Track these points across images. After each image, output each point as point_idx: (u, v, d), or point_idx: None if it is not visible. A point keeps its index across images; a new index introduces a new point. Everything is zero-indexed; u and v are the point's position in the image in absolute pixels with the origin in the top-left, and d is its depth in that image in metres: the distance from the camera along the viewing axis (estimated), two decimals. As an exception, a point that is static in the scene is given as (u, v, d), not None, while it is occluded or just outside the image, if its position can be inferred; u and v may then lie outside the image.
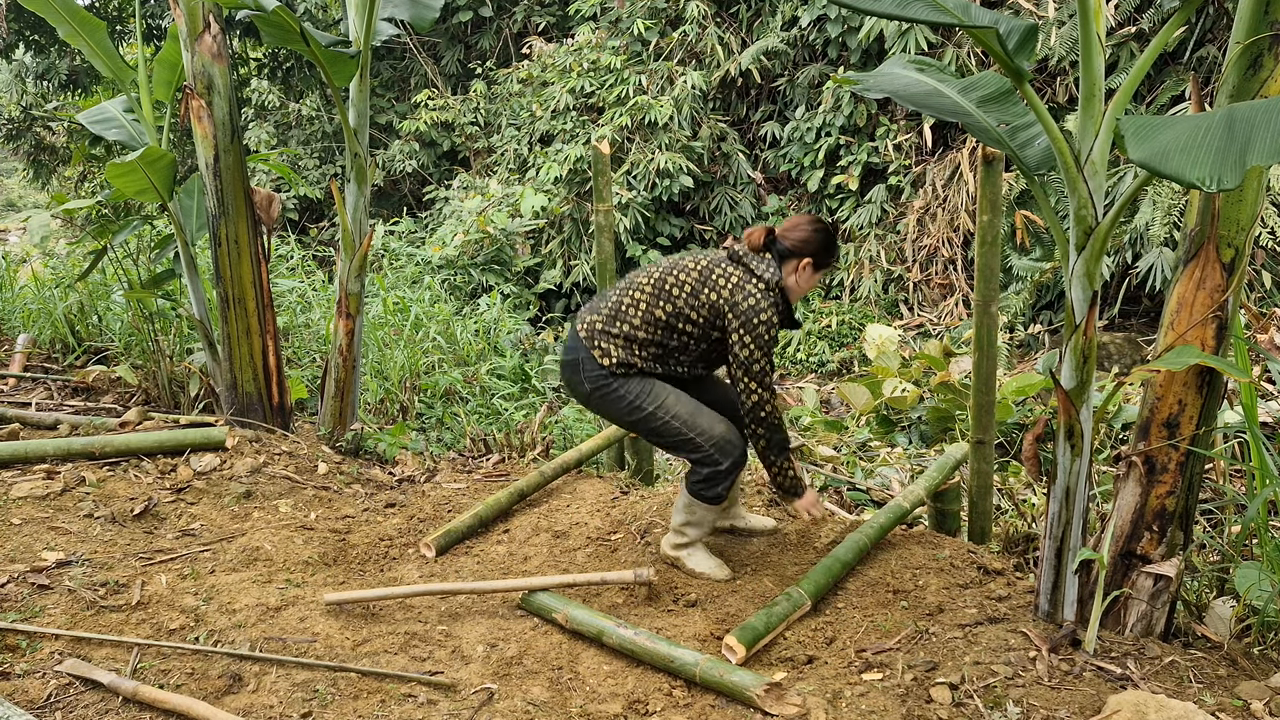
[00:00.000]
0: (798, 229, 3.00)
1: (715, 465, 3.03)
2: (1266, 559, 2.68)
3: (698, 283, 2.94)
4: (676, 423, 2.99)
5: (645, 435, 3.10)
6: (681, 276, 2.97)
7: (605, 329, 2.99)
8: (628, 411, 3.01)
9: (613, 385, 2.98)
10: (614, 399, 3.00)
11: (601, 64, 10.32)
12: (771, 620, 2.75)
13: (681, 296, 2.94)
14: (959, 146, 8.57)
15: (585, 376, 3.00)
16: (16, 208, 22.50)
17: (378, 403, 5.84)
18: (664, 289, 2.97)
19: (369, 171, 4.55)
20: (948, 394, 5.57)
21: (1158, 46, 2.29)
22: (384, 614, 2.92)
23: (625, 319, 2.98)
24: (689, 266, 2.99)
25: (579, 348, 3.02)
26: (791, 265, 2.99)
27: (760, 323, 2.86)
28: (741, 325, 2.87)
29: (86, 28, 4.51)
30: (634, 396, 2.98)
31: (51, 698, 2.35)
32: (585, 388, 3.02)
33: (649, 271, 3.05)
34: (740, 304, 2.88)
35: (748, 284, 2.91)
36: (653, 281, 2.99)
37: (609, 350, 2.97)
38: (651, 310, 2.96)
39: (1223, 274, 2.37)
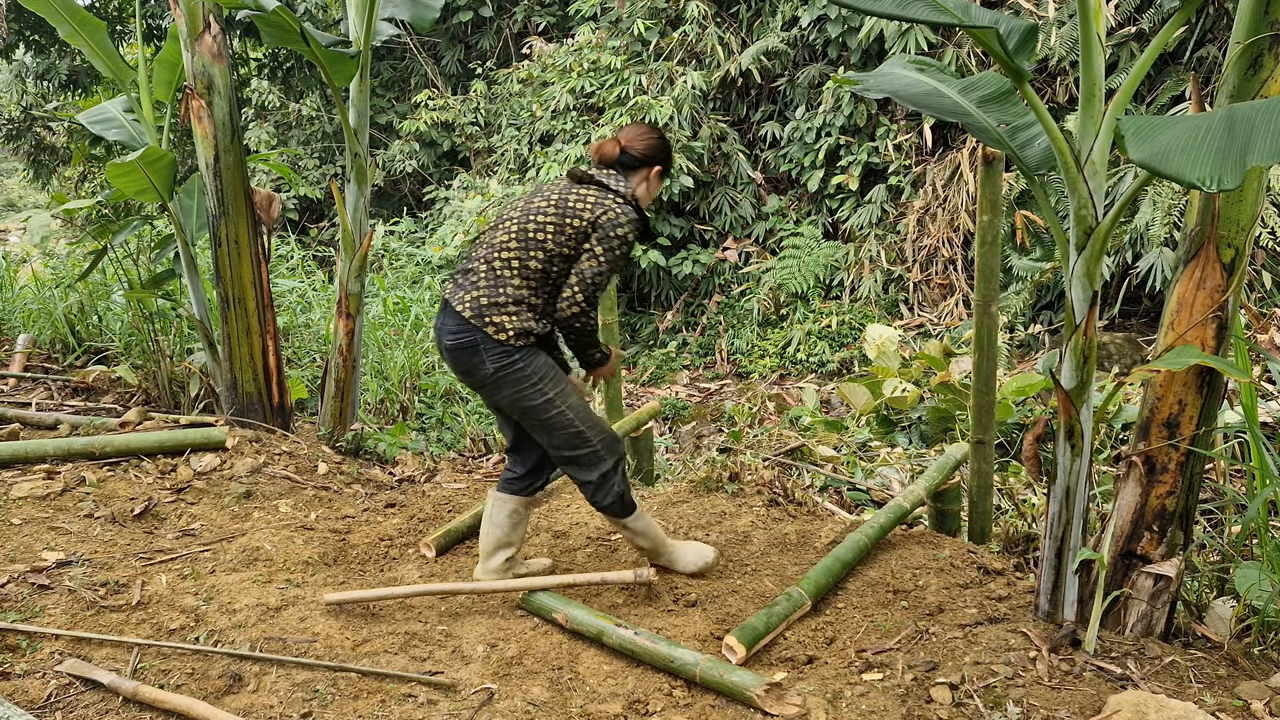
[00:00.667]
0: (643, 138, 2.95)
1: (600, 464, 2.93)
2: (1266, 559, 2.68)
3: (559, 218, 2.82)
4: (572, 414, 2.90)
5: (536, 425, 2.93)
6: (541, 219, 2.83)
7: (492, 301, 2.82)
8: (531, 393, 2.85)
9: (516, 362, 2.83)
10: (519, 378, 2.84)
11: (602, 64, 10.32)
12: (771, 620, 2.75)
13: (549, 239, 2.81)
14: (959, 146, 8.57)
15: (487, 357, 2.82)
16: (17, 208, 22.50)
17: (378, 403, 5.84)
18: (529, 237, 2.82)
19: (369, 171, 4.55)
20: (948, 394, 5.57)
21: (1158, 46, 2.29)
22: (384, 614, 2.92)
23: (505, 283, 2.82)
24: (543, 206, 2.85)
25: (468, 329, 2.83)
26: (641, 175, 2.95)
27: (616, 236, 2.79)
28: (599, 239, 2.78)
29: (87, 28, 4.51)
30: (539, 378, 2.85)
31: (51, 698, 2.35)
32: (487, 369, 2.83)
33: (504, 228, 2.89)
34: (600, 219, 2.79)
35: (605, 199, 2.83)
36: (515, 236, 2.84)
37: (503, 323, 2.80)
38: (525, 264, 2.82)
39: (1223, 274, 2.37)
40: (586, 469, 2.95)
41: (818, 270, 8.96)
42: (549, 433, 2.92)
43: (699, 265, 9.93)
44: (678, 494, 3.99)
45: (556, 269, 2.84)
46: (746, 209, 10.03)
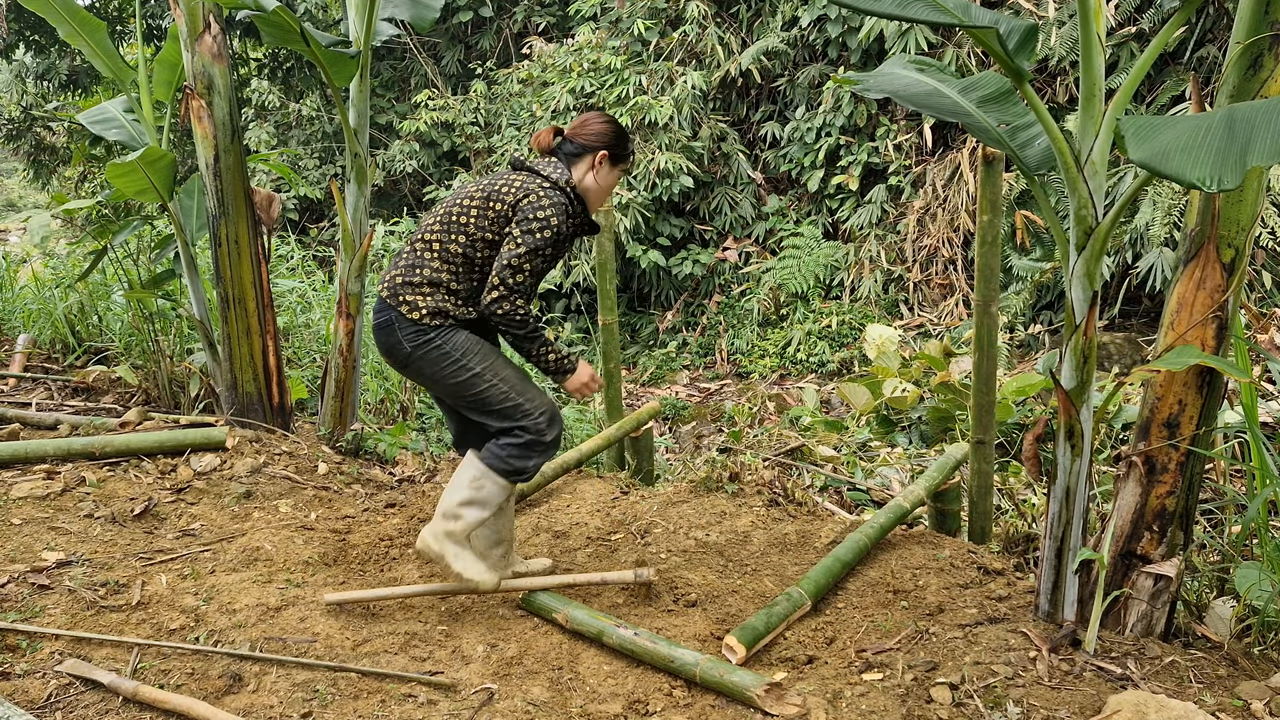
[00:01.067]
0: (587, 124, 2.85)
1: (540, 434, 2.79)
2: (1267, 559, 2.68)
3: (484, 202, 2.74)
4: (505, 385, 2.77)
5: (468, 403, 2.81)
6: (466, 203, 2.77)
7: (407, 280, 2.75)
8: (453, 370, 2.74)
9: (433, 340, 2.72)
10: (436, 356, 2.73)
11: (602, 64, 10.32)
12: (772, 620, 2.75)
13: (471, 222, 2.74)
14: (959, 147, 8.57)
15: (402, 336, 2.74)
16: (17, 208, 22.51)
17: (378, 403, 5.84)
18: (453, 221, 2.76)
19: (369, 172, 4.55)
20: (948, 394, 5.57)
21: (1158, 46, 2.29)
22: (384, 614, 2.92)
23: (424, 264, 2.76)
24: (472, 191, 2.79)
25: (386, 309, 2.77)
26: (586, 162, 2.83)
27: (537, 219, 2.67)
28: (518, 221, 2.69)
29: (87, 28, 4.51)
30: (460, 354, 2.74)
31: (52, 698, 2.35)
32: (405, 349, 2.75)
33: (435, 212, 2.83)
34: (521, 201, 2.71)
35: (532, 183, 2.74)
36: (440, 219, 2.79)
37: (415, 302, 2.73)
38: (446, 247, 2.75)
39: (1223, 274, 2.37)
40: (521, 432, 2.79)
41: (818, 270, 8.96)
42: (484, 409, 2.80)
43: (699, 265, 9.93)
44: (678, 494, 3.99)
45: (480, 255, 2.76)
46: (746, 209, 10.03)
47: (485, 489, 2.80)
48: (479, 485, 2.80)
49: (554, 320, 9.72)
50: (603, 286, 4.54)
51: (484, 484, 2.80)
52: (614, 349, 4.63)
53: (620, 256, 9.76)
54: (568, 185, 2.80)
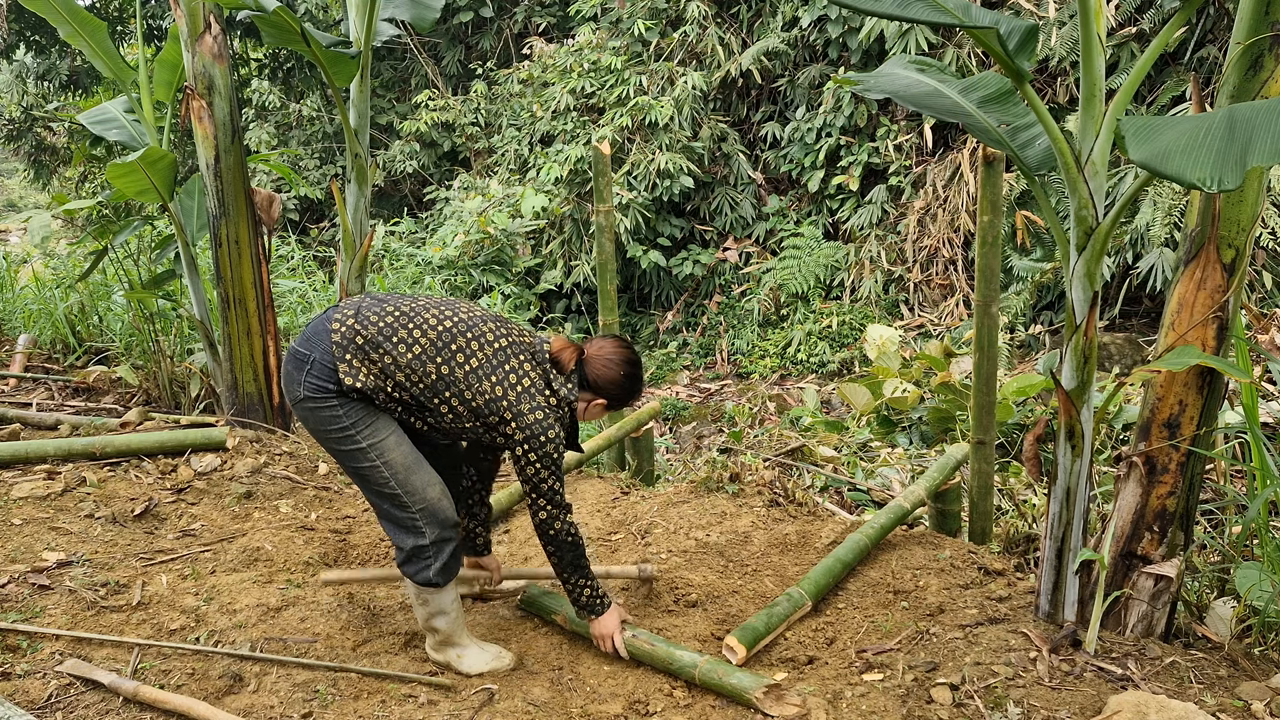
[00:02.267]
0: (609, 368, 2.66)
1: (419, 536, 2.56)
2: (1267, 559, 2.68)
3: (486, 364, 2.52)
4: (387, 472, 2.51)
5: (349, 473, 2.58)
6: (474, 346, 2.52)
7: (365, 347, 2.45)
8: (337, 438, 2.50)
9: (332, 404, 2.46)
10: (327, 417, 2.47)
11: (602, 64, 10.32)
12: (772, 621, 2.75)
13: (462, 369, 2.49)
14: (959, 147, 8.57)
15: (308, 379, 2.45)
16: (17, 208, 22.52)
17: (378, 403, 5.83)
18: (448, 347, 2.50)
19: (369, 172, 4.55)
20: (948, 394, 5.57)
21: (1158, 47, 2.29)
22: (384, 614, 2.92)
23: (392, 352, 2.46)
24: (485, 338, 2.56)
25: (320, 347, 2.47)
26: (587, 395, 2.68)
27: (547, 440, 2.51)
28: (527, 440, 2.50)
29: (87, 28, 4.51)
30: (350, 424, 2.48)
31: (52, 698, 2.35)
32: (299, 392, 2.47)
33: (442, 313, 2.57)
34: (525, 415, 2.50)
35: (539, 394, 2.55)
36: (441, 332, 2.52)
37: (358, 372, 2.44)
38: (425, 363, 2.47)
39: (1223, 274, 2.37)
40: (402, 534, 2.59)
41: (818, 270, 8.96)
42: (363, 484, 2.58)
43: (699, 266, 9.93)
44: (678, 494, 3.99)
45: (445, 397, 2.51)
46: (747, 209, 10.03)
47: (430, 601, 2.66)
48: (424, 599, 2.66)
49: (554, 320, 9.72)
50: (603, 287, 4.54)
51: (426, 597, 2.65)
52: (614, 349, 4.62)
53: (620, 257, 9.76)
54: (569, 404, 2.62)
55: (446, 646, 2.70)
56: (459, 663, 2.68)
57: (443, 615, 2.66)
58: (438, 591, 2.64)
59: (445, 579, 2.61)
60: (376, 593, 3.04)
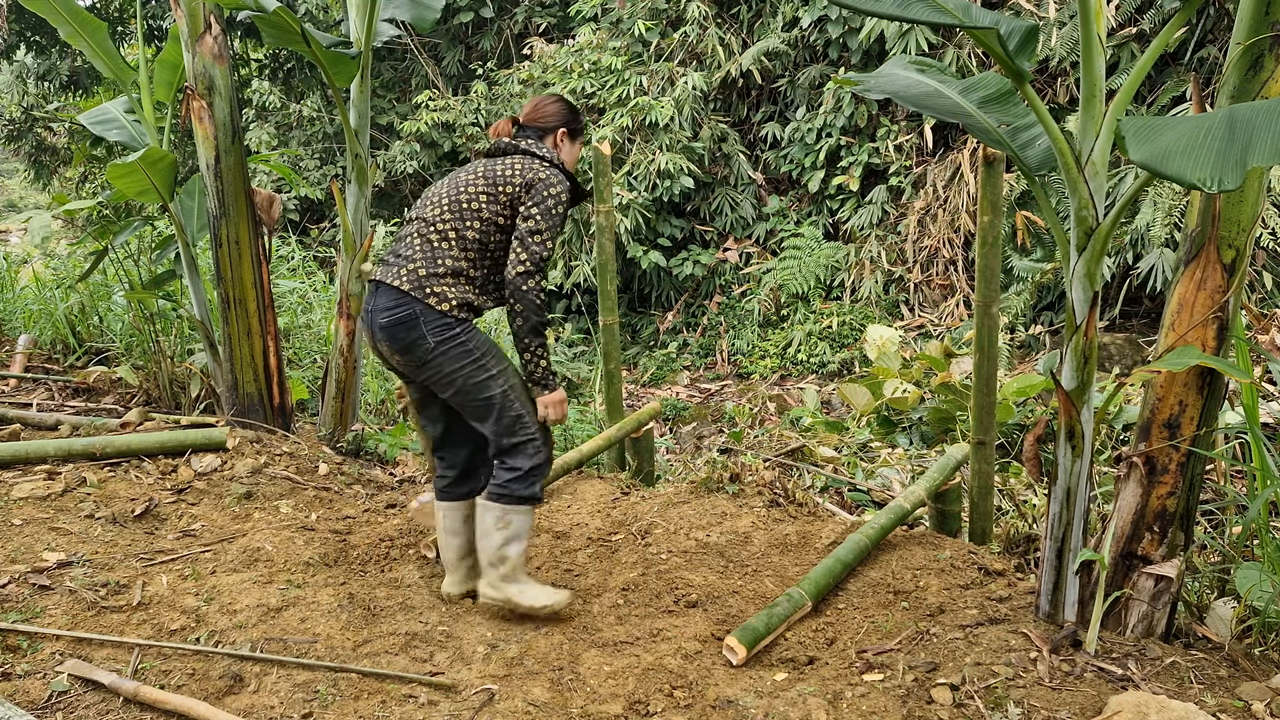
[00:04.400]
0: (540, 108, 2.96)
1: (537, 454, 2.83)
2: (1267, 560, 2.68)
3: (491, 186, 2.79)
4: (513, 395, 2.79)
5: (476, 405, 2.80)
6: (472, 190, 2.80)
7: (431, 272, 2.74)
8: (472, 369, 2.74)
9: (458, 335, 2.73)
10: (459, 353, 2.73)
11: (602, 65, 10.32)
12: (772, 621, 2.75)
13: (483, 208, 2.78)
14: (960, 147, 8.57)
15: (428, 330, 2.71)
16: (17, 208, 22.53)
17: (379, 403, 5.84)
18: (463, 207, 2.78)
19: (370, 172, 4.55)
20: (948, 395, 5.57)
21: (1158, 47, 2.29)
22: (384, 614, 2.92)
23: (444, 255, 2.76)
24: (471, 179, 2.82)
25: (407, 303, 2.72)
26: (549, 143, 2.94)
27: (550, 195, 2.77)
28: (532, 199, 2.76)
29: (87, 28, 4.51)
30: (480, 353, 2.75)
31: (52, 698, 2.35)
32: (429, 343, 2.71)
33: (434, 203, 2.84)
34: (532, 181, 2.78)
35: (532, 163, 2.83)
36: (447, 208, 2.80)
37: (445, 293, 2.72)
38: (462, 234, 2.77)
39: (1223, 275, 2.37)
40: (521, 456, 2.82)
41: (818, 271, 8.96)
42: (491, 414, 2.79)
43: (699, 266, 9.93)
44: (678, 494, 3.99)
45: (494, 240, 2.79)
46: (747, 209, 10.03)
47: (514, 523, 2.85)
48: (506, 522, 2.84)
49: (555, 321, 9.71)
50: (603, 287, 4.54)
51: (510, 519, 2.84)
52: (614, 349, 4.63)
53: (621, 257, 9.76)
54: (559, 162, 2.90)
55: (509, 582, 2.88)
56: (520, 596, 2.86)
57: (517, 541, 2.87)
58: (525, 512, 2.86)
59: (536, 500, 2.87)
60: (376, 593, 3.04)
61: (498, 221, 2.78)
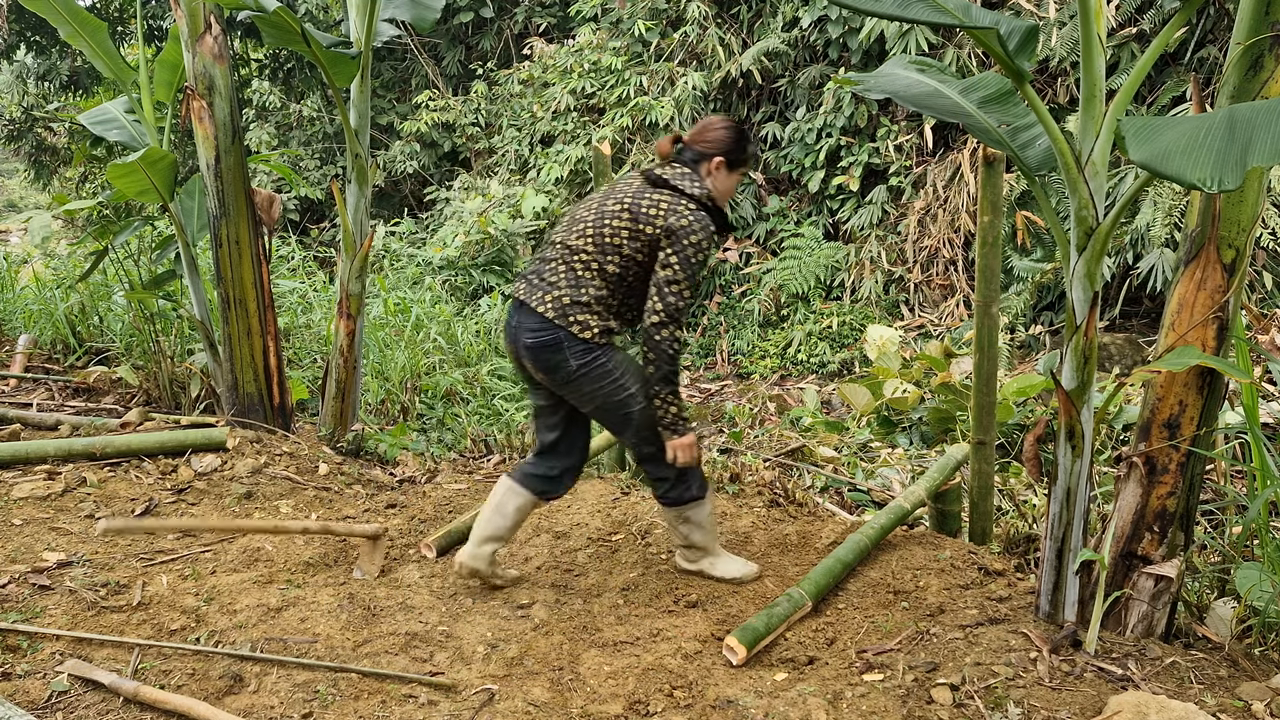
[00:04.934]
0: (705, 130, 2.91)
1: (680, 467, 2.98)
2: (1267, 560, 2.68)
3: (633, 223, 2.81)
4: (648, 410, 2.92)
5: (617, 421, 2.96)
6: (616, 224, 2.83)
7: (575, 300, 2.84)
8: (612, 389, 2.88)
9: (600, 359, 2.85)
10: (600, 375, 2.86)
11: (602, 65, 10.32)
12: (772, 621, 2.75)
13: (624, 244, 2.81)
14: (960, 147, 8.56)
15: (571, 354, 2.84)
16: (18, 208, 22.53)
17: (379, 403, 5.84)
18: (605, 242, 2.83)
19: (370, 172, 4.55)
20: (949, 395, 5.57)
21: (1158, 47, 2.29)
22: (384, 614, 2.92)
23: (588, 284, 2.84)
24: (616, 210, 2.84)
25: (550, 328, 2.84)
26: (704, 169, 2.88)
27: (689, 244, 2.76)
28: (670, 244, 2.77)
29: (88, 28, 4.51)
30: (620, 373, 2.88)
31: (52, 698, 2.35)
32: (571, 366, 2.84)
33: (578, 229, 2.89)
34: (673, 225, 2.77)
35: (679, 205, 2.80)
36: (591, 238, 2.85)
37: (587, 321, 2.83)
38: (604, 268, 2.83)
39: (1223, 275, 2.37)
40: (665, 466, 2.97)
41: (818, 271, 8.95)
42: (631, 428, 2.95)
43: (699, 266, 9.92)
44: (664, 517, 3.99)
45: (632, 274, 2.85)
46: (747, 209, 10.02)
47: (691, 517, 3.09)
48: (685, 517, 3.09)
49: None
50: (603, 287, 4.53)
51: (687, 515, 3.09)
52: (614, 350, 4.63)
53: (621, 257, 9.73)
54: (707, 199, 2.85)
55: (701, 556, 3.16)
56: (712, 569, 3.15)
57: (700, 529, 3.11)
58: (699, 506, 3.07)
59: (703, 491, 3.07)
60: (376, 593, 3.04)
61: (637, 259, 2.83)
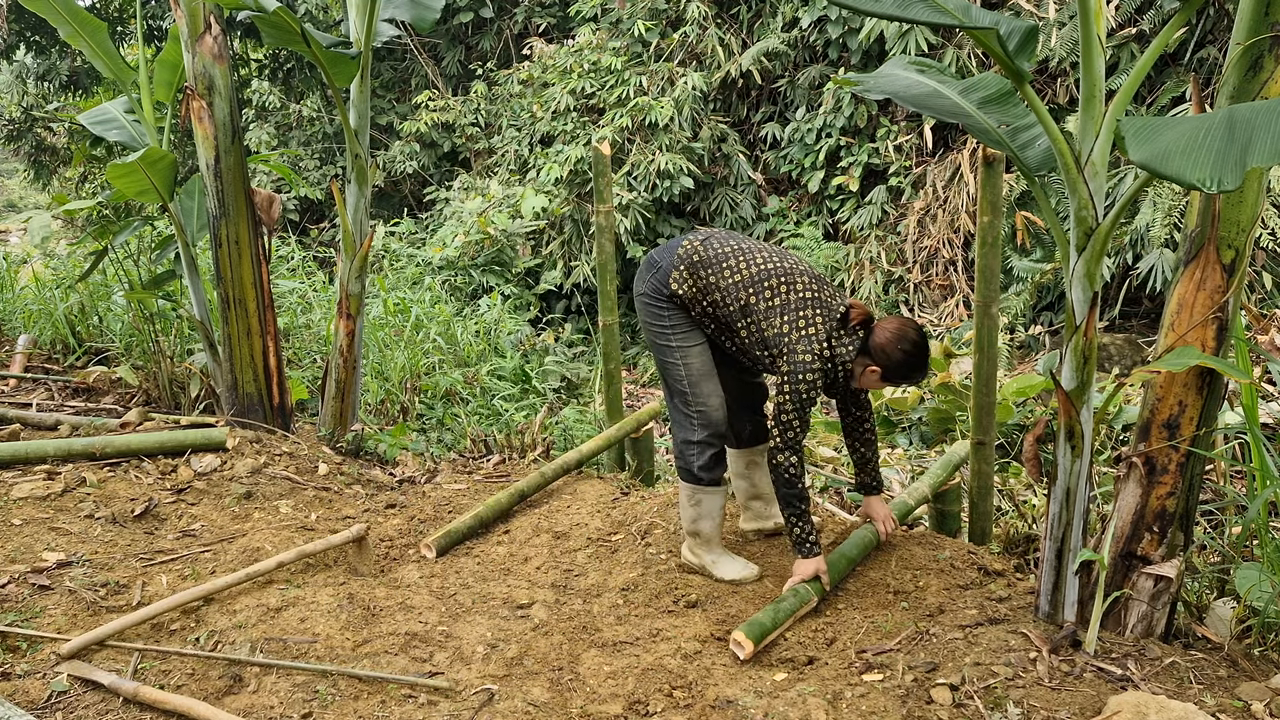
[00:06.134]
0: (888, 339, 2.86)
1: (691, 431, 3.07)
2: (1267, 560, 2.68)
3: (786, 306, 2.88)
4: (682, 370, 3.03)
5: (658, 365, 3.15)
6: (783, 289, 2.90)
7: (698, 265, 2.96)
8: (657, 332, 3.05)
9: (661, 305, 3.02)
10: (656, 316, 3.04)
11: (602, 65, 10.32)
12: (779, 616, 2.76)
13: (766, 304, 2.90)
14: (959, 147, 8.57)
15: (651, 283, 3.03)
16: (17, 208, 22.52)
17: (378, 403, 5.84)
18: (763, 284, 2.91)
19: (369, 172, 4.55)
20: (948, 395, 5.57)
21: (1158, 47, 2.29)
22: (384, 614, 2.92)
23: (718, 274, 2.95)
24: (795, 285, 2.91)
25: (669, 259, 3.00)
26: (863, 361, 2.91)
27: (801, 380, 2.83)
28: (787, 374, 2.85)
29: (87, 28, 4.51)
30: (671, 329, 3.02)
31: (52, 698, 2.35)
32: (642, 287, 3.06)
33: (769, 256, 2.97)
34: (798, 354, 2.84)
35: (816, 342, 2.85)
36: (762, 271, 2.93)
37: (684, 282, 2.97)
38: (739, 290, 2.92)
39: (1223, 275, 2.37)
40: (680, 428, 3.10)
41: (818, 271, 8.96)
42: (665, 376, 3.11)
43: (699, 266, 9.93)
44: (678, 495, 3.99)
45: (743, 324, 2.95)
46: (747, 210, 10.02)
47: (702, 502, 3.12)
48: (696, 500, 3.12)
49: (554, 321, 9.71)
50: (603, 288, 4.55)
51: (699, 498, 3.12)
52: (614, 350, 4.64)
53: (620, 257, 9.75)
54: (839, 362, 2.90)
55: (704, 551, 3.17)
56: (713, 568, 3.16)
57: (709, 519, 3.13)
58: (708, 493, 3.10)
59: (707, 476, 3.08)
60: (376, 593, 3.04)
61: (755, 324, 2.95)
